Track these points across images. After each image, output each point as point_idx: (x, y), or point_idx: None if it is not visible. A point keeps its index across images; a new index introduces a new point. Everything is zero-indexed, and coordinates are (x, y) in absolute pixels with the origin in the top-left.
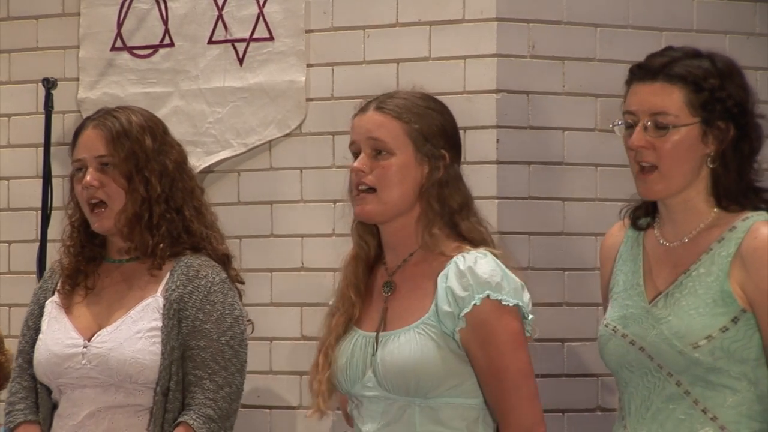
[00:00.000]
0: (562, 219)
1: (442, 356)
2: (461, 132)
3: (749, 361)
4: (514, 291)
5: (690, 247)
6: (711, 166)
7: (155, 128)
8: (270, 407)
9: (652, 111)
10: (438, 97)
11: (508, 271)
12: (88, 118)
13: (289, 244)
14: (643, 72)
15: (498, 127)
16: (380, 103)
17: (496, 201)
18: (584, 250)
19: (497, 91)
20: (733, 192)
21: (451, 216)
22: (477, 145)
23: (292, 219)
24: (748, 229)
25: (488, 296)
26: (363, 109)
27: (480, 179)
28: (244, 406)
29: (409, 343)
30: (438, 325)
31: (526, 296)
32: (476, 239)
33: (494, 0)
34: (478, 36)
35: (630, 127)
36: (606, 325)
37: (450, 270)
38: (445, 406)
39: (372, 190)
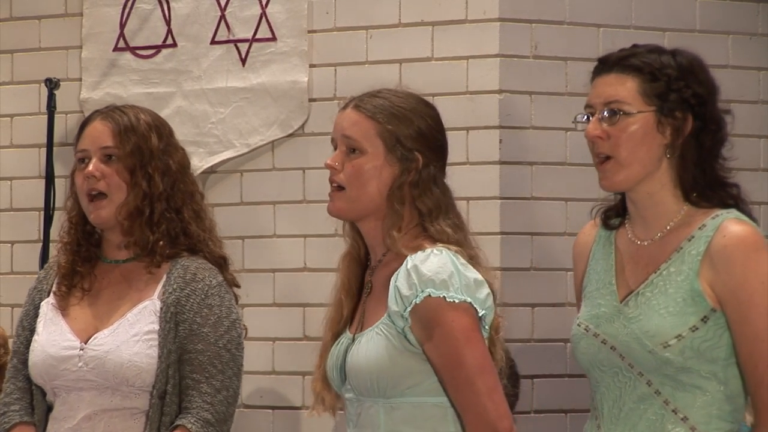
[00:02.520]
0: (565, 219)
1: (396, 355)
2: (463, 132)
3: (719, 361)
4: (465, 287)
5: (661, 246)
6: (668, 156)
7: (162, 128)
8: (273, 407)
9: (606, 100)
10: (440, 98)
11: (463, 267)
12: (96, 111)
13: (292, 244)
14: (601, 66)
15: (501, 127)
16: (359, 101)
17: (499, 201)
18: None
19: (500, 92)
20: (699, 185)
21: (420, 218)
22: (480, 145)
23: (294, 219)
24: (717, 227)
25: (429, 294)
26: (344, 107)
27: (482, 179)
28: (247, 407)
29: (367, 344)
30: (392, 324)
31: (482, 292)
32: (439, 238)
33: (497, 0)
34: (481, 36)
35: (589, 120)
36: (578, 325)
37: (401, 269)
38: (406, 405)
39: (342, 188)
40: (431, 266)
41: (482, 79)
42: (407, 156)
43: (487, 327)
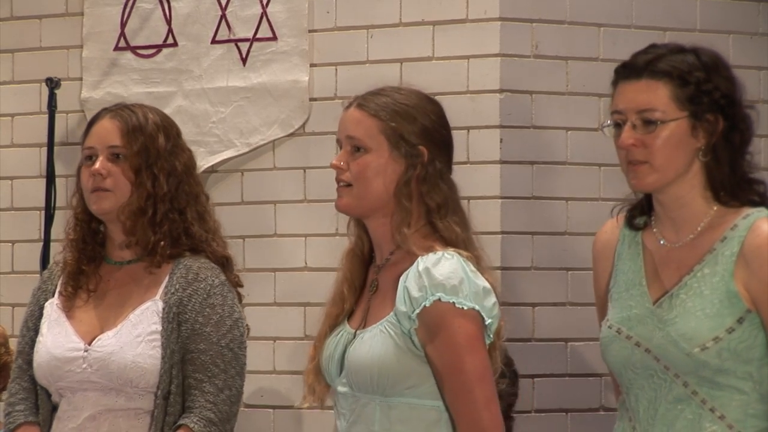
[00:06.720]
0: (565, 219)
1: (399, 355)
2: (464, 132)
3: (754, 361)
4: (473, 295)
5: (693, 247)
6: (703, 159)
7: (170, 129)
8: (273, 407)
9: (639, 108)
10: (441, 97)
11: (473, 274)
12: (105, 108)
13: (292, 243)
14: (628, 71)
15: (501, 126)
16: (362, 100)
17: (500, 201)
18: (587, 250)
19: (500, 91)
20: (729, 185)
21: (428, 214)
22: (480, 144)
23: (295, 219)
24: (750, 227)
25: (439, 299)
26: (347, 107)
27: (483, 179)
28: (248, 406)
29: (370, 340)
30: (398, 324)
31: (490, 301)
32: (449, 239)
33: (497, 0)
34: (482, 36)
35: (618, 126)
36: (609, 327)
37: (411, 270)
38: (403, 405)
39: (350, 185)
40: (443, 270)
41: (483, 78)
42: (411, 152)
43: (491, 335)
